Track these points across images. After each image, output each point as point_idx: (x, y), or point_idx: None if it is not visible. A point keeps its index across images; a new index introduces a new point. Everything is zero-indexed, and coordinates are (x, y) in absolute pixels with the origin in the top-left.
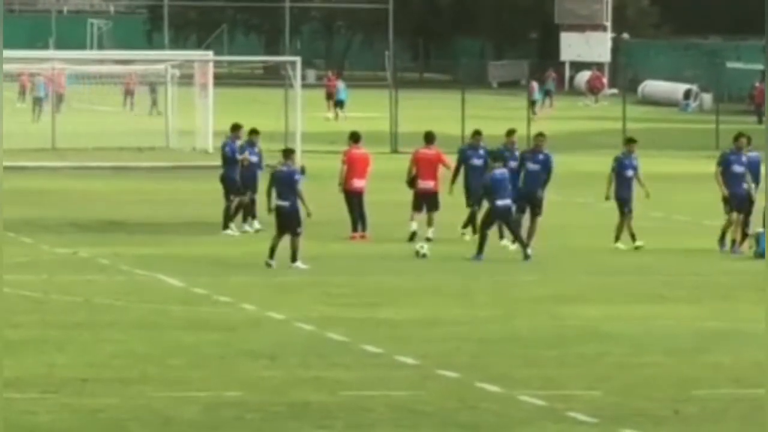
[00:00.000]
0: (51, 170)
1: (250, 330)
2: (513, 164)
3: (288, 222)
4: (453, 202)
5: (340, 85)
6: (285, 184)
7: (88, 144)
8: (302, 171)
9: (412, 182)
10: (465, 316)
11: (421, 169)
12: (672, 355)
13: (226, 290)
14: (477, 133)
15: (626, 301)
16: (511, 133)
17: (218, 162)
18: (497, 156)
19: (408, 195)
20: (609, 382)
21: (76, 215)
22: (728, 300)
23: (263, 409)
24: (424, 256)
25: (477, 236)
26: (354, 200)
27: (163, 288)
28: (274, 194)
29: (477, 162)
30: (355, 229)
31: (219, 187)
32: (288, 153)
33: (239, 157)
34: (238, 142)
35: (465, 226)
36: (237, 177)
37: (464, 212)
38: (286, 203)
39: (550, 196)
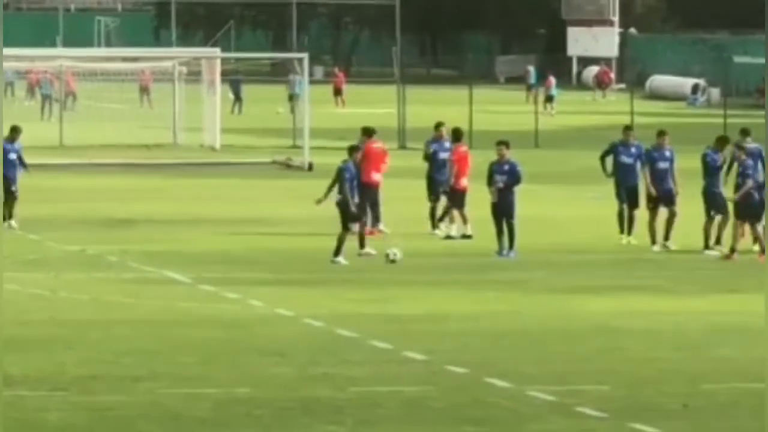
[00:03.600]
0: (58, 167)
1: (260, 327)
2: (663, 165)
3: (344, 216)
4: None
5: (296, 78)
6: (340, 180)
7: (96, 141)
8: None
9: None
10: (474, 312)
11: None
12: (681, 349)
13: (235, 287)
14: (628, 129)
15: (635, 296)
16: (662, 134)
17: (225, 158)
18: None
19: (415, 191)
20: (618, 376)
21: (84, 212)
22: (737, 295)
23: (273, 405)
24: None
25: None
26: (370, 194)
27: (172, 285)
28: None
29: (627, 160)
30: (373, 224)
31: (226, 183)
32: (351, 149)
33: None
34: (446, 143)
35: (623, 230)
36: (443, 177)
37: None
38: (338, 198)
39: (557, 191)
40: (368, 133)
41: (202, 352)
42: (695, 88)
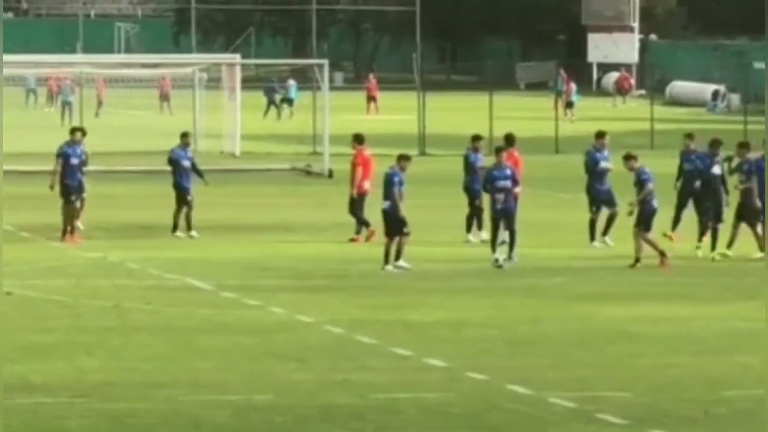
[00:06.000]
0: None
1: (280, 333)
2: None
3: (392, 223)
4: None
5: (291, 83)
6: (388, 185)
7: (116, 148)
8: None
9: None
10: (494, 318)
11: None
12: (701, 355)
13: (255, 293)
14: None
15: (656, 303)
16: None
17: (245, 165)
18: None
19: (436, 198)
20: (638, 383)
21: (105, 219)
22: (756, 301)
23: (293, 412)
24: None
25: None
26: (362, 202)
27: (192, 292)
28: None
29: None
30: (359, 231)
31: (246, 190)
32: (400, 158)
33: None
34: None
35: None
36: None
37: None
38: (386, 205)
39: (577, 197)
40: (359, 140)
41: (222, 359)
42: (715, 95)
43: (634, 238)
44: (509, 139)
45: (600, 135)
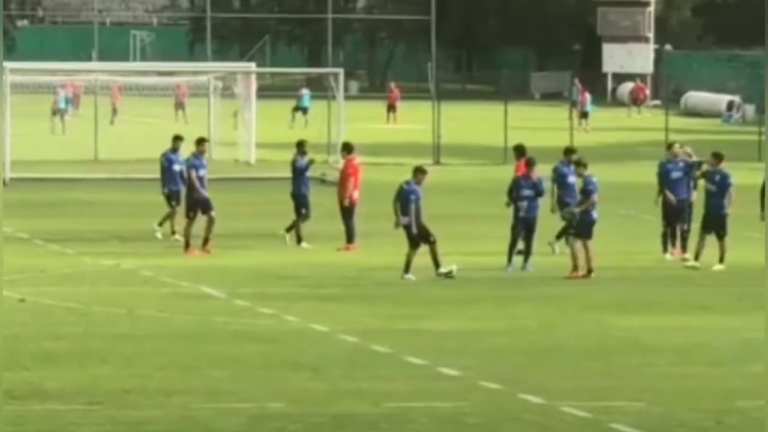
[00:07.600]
0: (93, 182)
1: (293, 342)
2: None
3: (413, 237)
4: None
5: (305, 92)
6: (404, 202)
7: (131, 155)
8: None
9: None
10: (508, 328)
11: None
12: (715, 366)
13: (269, 302)
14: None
15: (669, 312)
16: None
17: (260, 173)
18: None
19: (451, 206)
20: (652, 393)
21: (119, 227)
22: None
23: (306, 420)
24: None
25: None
26: (351, 211)
27: (206, 300)
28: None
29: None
30: (351, 240)
31: (261, 198)
32: (416, 171)
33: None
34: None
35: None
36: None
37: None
38: (404, 220)
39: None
40: (349, 149)
41: (235, 367)
42: (730, 105)
43: (570, 245)
44: (519, 150)
45: (669, 146)
